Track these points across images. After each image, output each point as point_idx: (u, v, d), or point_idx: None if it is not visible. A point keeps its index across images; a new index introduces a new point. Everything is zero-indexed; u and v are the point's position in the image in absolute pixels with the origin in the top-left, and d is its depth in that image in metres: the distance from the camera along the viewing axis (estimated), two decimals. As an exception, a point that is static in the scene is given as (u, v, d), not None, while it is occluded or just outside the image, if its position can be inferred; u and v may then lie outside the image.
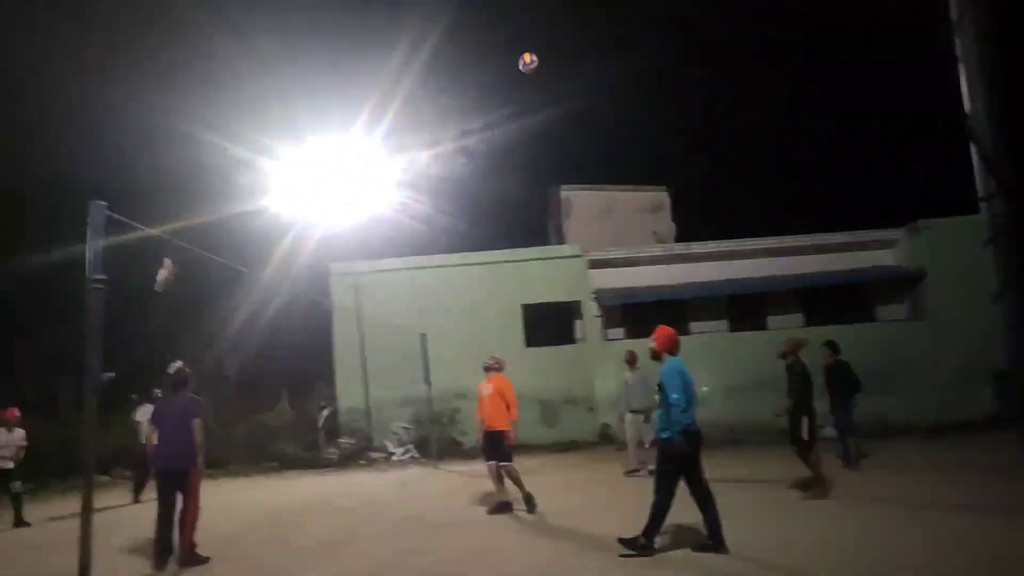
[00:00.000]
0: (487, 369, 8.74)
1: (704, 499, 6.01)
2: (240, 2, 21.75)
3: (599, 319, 17.52)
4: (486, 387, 8.59)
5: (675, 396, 5.97)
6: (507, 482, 8.36)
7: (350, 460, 14.96)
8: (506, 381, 8.62)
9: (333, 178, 18.25)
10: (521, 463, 11.38)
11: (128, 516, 9.80)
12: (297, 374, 19.32)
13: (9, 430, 9.79)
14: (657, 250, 18.51)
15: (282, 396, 17.96)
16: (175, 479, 6.53)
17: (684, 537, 6.35)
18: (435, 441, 14.71)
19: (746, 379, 15.98)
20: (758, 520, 7.15)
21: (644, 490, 6.40)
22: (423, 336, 14.41)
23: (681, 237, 20.20)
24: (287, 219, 18.38)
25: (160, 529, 6.49)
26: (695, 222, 21.44)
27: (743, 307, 17.67)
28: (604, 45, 35.60)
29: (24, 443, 9.88)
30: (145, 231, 4.88)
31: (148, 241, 5.14)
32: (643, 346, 16.04)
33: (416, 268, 17.58)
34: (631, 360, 10.85)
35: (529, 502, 8.17)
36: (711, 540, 5.97)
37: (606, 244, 18.49)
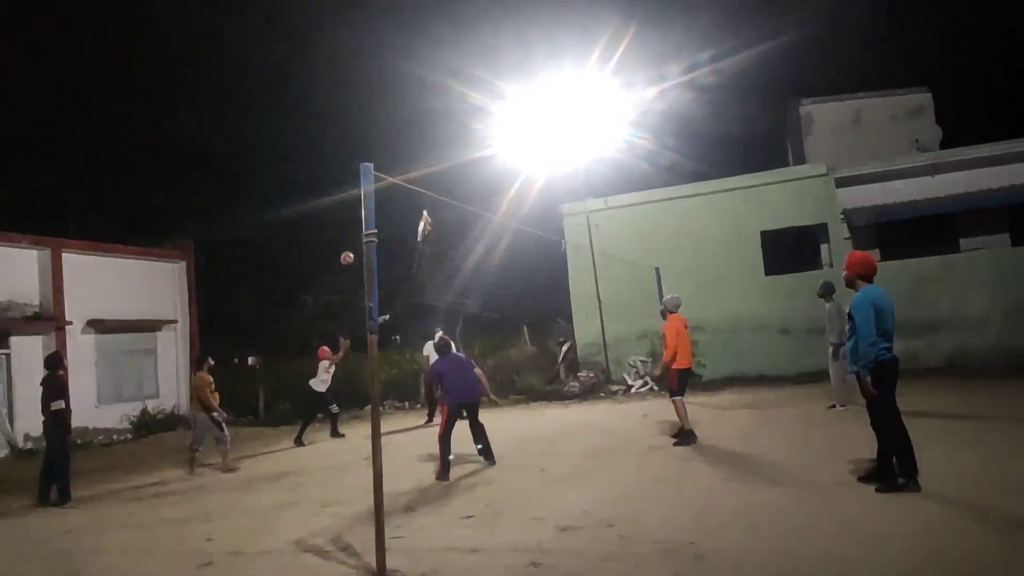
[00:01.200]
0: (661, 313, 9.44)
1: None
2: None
3: (848, 241, 16.11)
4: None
5: (864, 329, 5.62)
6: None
7: (590, 393, 15.51)
8: (669, 322, 9.07)
9: (563, 119, 18.53)
10: (761, 395, 11.08)
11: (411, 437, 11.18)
12: (536, 312, 20.29)
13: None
14: (919, 159, 16.33)
15: (523, 333, 19.02)
16: (472, 408, 8.57)
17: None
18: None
19: (1034, 299, 13.87)
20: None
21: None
22: (656, 270, 14.34)
23: (947, 143, 17.69)
24: (518, 161, 19.08)
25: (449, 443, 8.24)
26: (965, 124, 18.59)
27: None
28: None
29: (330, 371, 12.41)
30: (395, 181, 5.39)
31: (405, 192, 5.68)
32: (899, 268, 14.69)
33: (648, 202, 17.42)
34: (825, 293, 10.29)
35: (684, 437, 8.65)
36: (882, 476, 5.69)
37: (855, 158, 16.77)
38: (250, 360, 19.84)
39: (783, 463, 7.07)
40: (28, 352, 15.37)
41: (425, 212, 6.07)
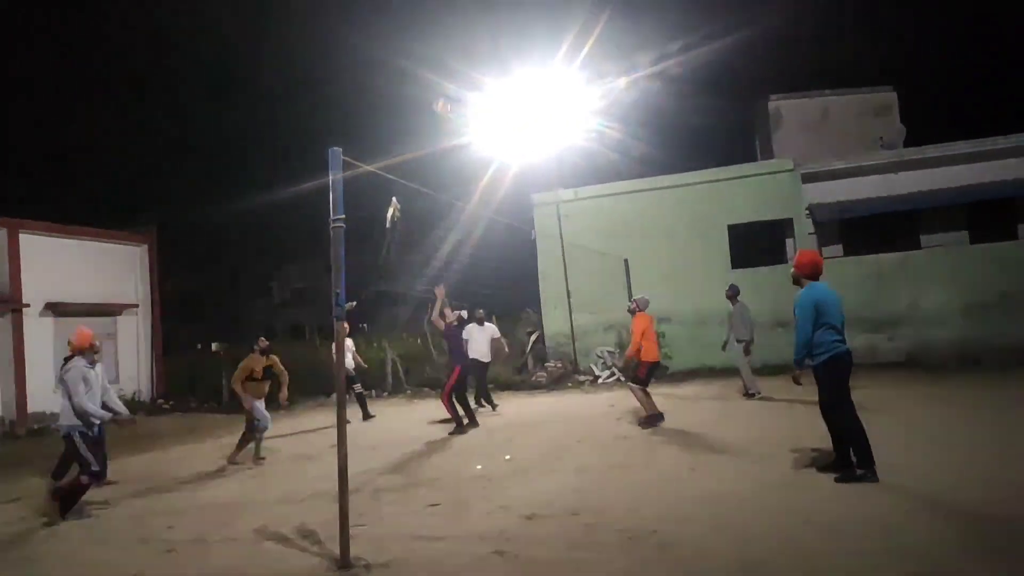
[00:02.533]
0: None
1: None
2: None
3: (813, 236, 16.38)
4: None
5: (802, 327, 5.93)
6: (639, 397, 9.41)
7: (558, 383, 15.58)
8: (637, 320, 9.66)
9: (534, 109, 18.51)
10: (727, 386, 11.25)
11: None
12: (505, 301, 20.33)
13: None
14: (884, 157, 16.60)
15: (492, 322, 19.02)
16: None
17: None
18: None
19: (989, 295, 14.28)
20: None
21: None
22: (625, 261, 14.42)
23: (911, 141, 18.05)
24: (490, 151, 19.02)
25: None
26: (928, 123, 19.00)
27: (987, 216, 15.57)
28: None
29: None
30: (364, 168, 5.33)
31: (374, 178, 5.62)
32: (859, 264, 15.10)
33: (617, 194, 17.49)
34: (732, 295, 11.79)
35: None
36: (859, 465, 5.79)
37: (821, 155, 17.03)
38: (213, 347, 19.56)
39: (747, 453, 7.18)
40: (-17, 334, 14.97)
41: (394, 198, 6.01)
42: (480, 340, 12.03)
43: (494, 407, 12.29)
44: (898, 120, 18.76)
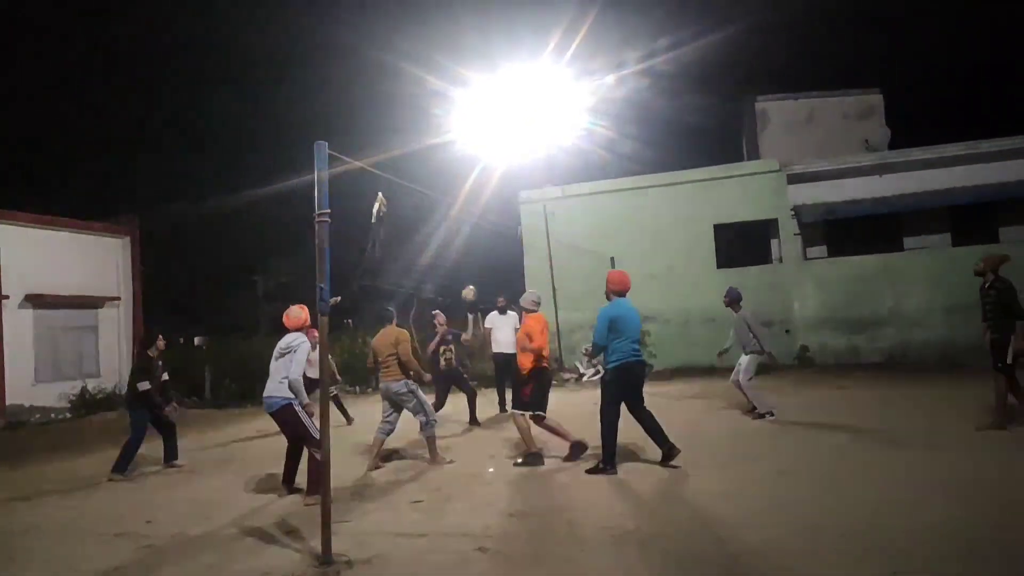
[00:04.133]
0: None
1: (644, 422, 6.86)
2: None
3: (798, 237, 16.50)
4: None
5: (596, 336, 6.75)
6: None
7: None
8: (530, 321, 7.66)
9: (522, 106, 18.49)
10: (712, 385, 11.16)
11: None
12: (490, 297, 20.28)
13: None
14: (868, 159, 16.76)
15: (478, 318, 18.99)
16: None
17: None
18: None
19: (970, 298, 14.40)
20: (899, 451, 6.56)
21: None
22: (611, 260, 14.45)
23: (896, 144, 18.23)
24: (477, 148, 18.99)
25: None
26: (913, 126, 19.21)
27: (969, 219, 15.75)
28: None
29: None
30: (350, 162, 5.30)
31: (361, 173, 5.59)
32: (843, 265, 15.13)
33: (604, 192, 17.53)
34: (732, 301, 9.70)
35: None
36: (665, 453, 6.71)
37: (807, 156, 17.15)
38: (196, 340, 19.43)
39: (727, 452, 7.22)
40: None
41: (380, 193, 5.98)
42: (503, 330, 11.24)
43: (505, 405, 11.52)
44: (883, 122, 18.94)
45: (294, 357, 6.50)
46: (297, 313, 6.73)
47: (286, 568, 4.58)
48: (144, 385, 8.19)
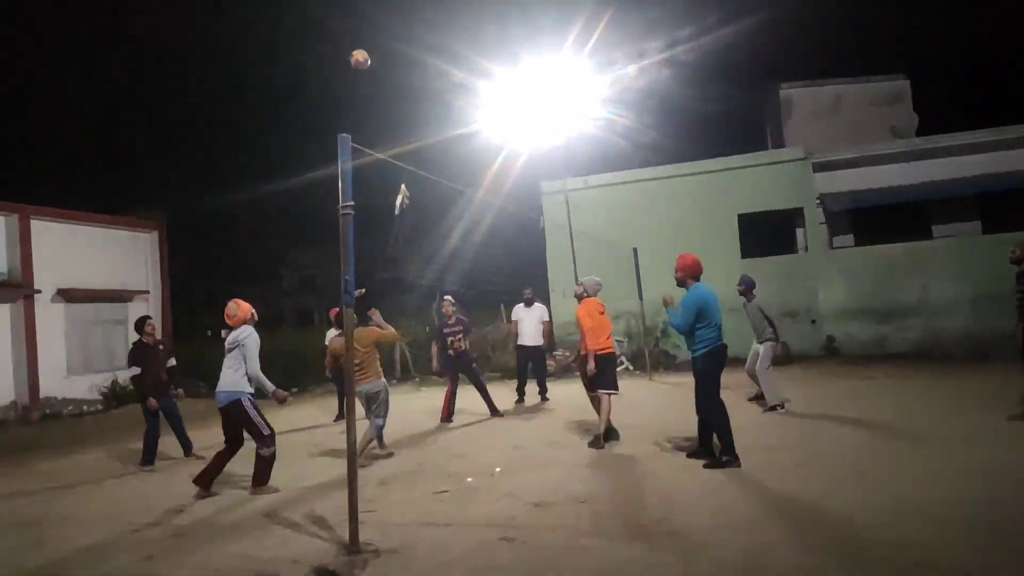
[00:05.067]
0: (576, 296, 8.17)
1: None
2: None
3: (824, 226, 16.29)
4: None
5: (682, 322, 6.53)
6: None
7: (566, 371, 15.59)
8: (579, 307, 7.88)
9: (542, 97, 18.41)
10: (734, 377, 11.10)
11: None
12: (513, 289, 20.32)
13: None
14: (895, 146, 16.47)
15: (500, 310, 19.04)
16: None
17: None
18: (648, 354, 14.86)
19: (1001, 287, 14.14)
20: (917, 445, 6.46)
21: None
22: (635, 250, 14.38)
23: (923, 130, 17.89)
24: (498, 139, 18.96)
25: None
26: (941, 112, 18.84)
27: (1000, 206, 15.42)
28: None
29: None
30: (373, 155, 5.33)
31: (384, 166, 5.62)
32: (870, 254, 14.86)
33: (626, 182, 17.45)
34: (746, 289, 9.74)
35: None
36: (699, 450, 6.62)
37: (833, 144, 16.90)
38: (223, 334, 19.64)
39: (751, 444, 7.18)
40: (-5, 320, 15.10)
41: (403, 185, 6.00)
42: (528, 323, 11.39)
43: (540, 396, 11.64)
44: (911, 109, 18.61)
45: (245, 351, 6.48)
46: (234, 310, 6.65)
47: (314, 557, 4.64)
48: (133, 371, 8.25)
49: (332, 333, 10.79)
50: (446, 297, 10.58)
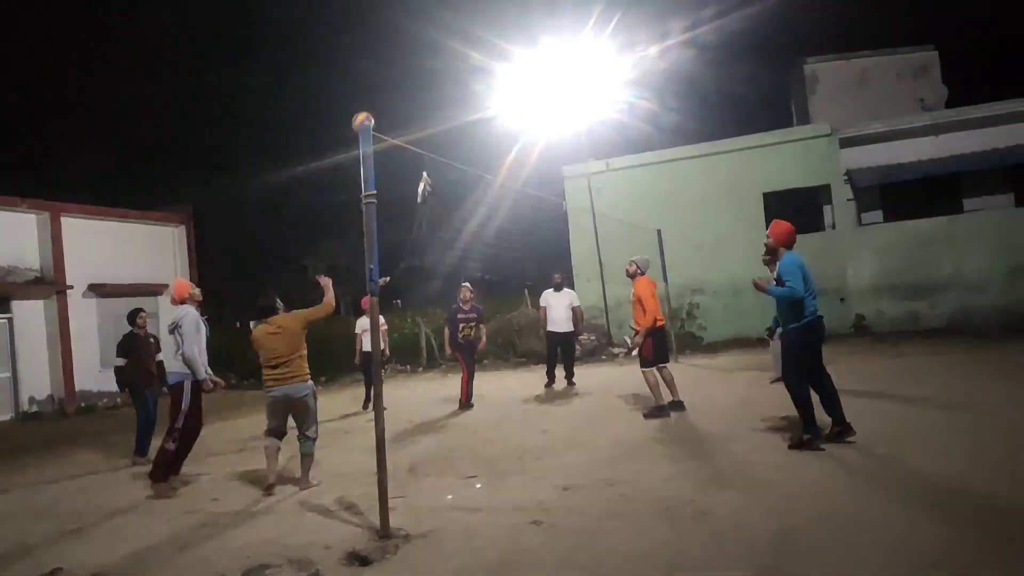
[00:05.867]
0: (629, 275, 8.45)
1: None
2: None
3: (852, 203, 16.02)
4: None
5: (796, 287, 5.89)
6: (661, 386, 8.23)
7: (592, 355, 15.57)
8: (640, 285, 8.20)
9: (564, 80, 18.29)
10: (762, 358, 10.92)
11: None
12: (537, 274, 20.32)
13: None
14: (924, 119, 16.10)
15: (524, 295, 19.04)
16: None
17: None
18: (674, 336, 14.77)
19: (1036, 261, 13.87)
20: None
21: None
22: (659, 232, 14.27)
23: (953, 102, 17.47)
24: (520, 124, 18.89)
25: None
26: (971, 83, 18.36)
27: (1035, 177, 15.06)
28: None
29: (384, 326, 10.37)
30: (391, 141, 5.33)
31: (406, 153, 5.62)
32: (900, 230, 14.55)
33: (649, 164, 17.29)
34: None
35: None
36: (837, 427, 6.05)
37: (860, 118, 16.57)
38: (252, 324, 19.87)
39: (780, 425, 7.11)
40: (30, 316, 15.42)
41: (425, 173, 5.99)
42: (558, 308, 11.30)
43: (567, 380, 11.57)
44: (939, 81, 18.15)
45: (182, 332, 6.47)
46: (170, 290, 6.60)
47: (346, 542, 4.70)
48: (118, 361, 8.28)
49: (363, 322, 10.92)
50: (464, 284, 10.62)
